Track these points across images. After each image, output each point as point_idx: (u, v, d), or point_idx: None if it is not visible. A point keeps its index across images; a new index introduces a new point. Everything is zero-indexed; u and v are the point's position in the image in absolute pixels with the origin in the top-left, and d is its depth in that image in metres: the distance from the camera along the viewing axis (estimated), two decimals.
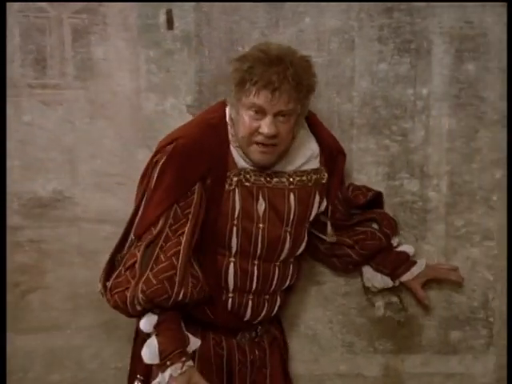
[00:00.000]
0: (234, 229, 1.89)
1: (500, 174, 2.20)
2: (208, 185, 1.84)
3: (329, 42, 2.14)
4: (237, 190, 1.87)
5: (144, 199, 1.86)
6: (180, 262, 1.78)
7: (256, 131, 1.80)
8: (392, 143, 2.19)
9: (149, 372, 1.90)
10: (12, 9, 2.04)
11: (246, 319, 1.99)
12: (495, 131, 2.18)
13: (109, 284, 1.82)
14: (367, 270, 2.18)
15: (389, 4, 2.11)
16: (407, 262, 2.16)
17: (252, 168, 1.88)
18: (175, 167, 1.82)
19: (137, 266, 1.78)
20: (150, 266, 1.78)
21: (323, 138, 2.01)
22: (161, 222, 1.80)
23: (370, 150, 2.18)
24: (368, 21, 2.13)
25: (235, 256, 1.92)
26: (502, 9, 2.11)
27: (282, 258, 1.98)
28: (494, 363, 2.30)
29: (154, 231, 1.80)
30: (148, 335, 1.81)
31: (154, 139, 2.12)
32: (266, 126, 1.78)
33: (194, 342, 1.83)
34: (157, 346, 1.77)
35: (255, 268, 1.95)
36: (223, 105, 1.92)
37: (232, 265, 1.92)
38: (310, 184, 1.97)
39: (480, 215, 2.22)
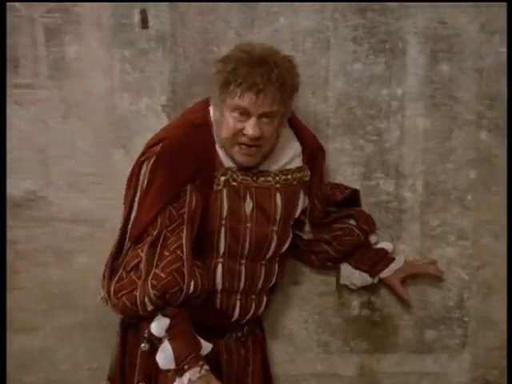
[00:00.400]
0: (222, 229, 1.89)
1: (474, 174, 2.21)
2: (197, 185, 1.83)
3: (303, 41, 2.14)
4: (224, 190, 1.87)
5: (135, 202, 1.84)
6: (185, 253, 1.76)
7: (240, 132, 1.80)
8: (367, 143, 2.19)
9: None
10: None
11: (234, 319, 2.00)
12: (470, 131, 2.19)
13: (111, 289, 1.78)
14: (346, 268, 2.19)
15: (362, 4, 2.12)
16: (386, 258, 2.17)
17: (239, 167, 1.88)
18: (165, 168, 1.81)
19: (141, 265, 1.76)
20: (155, 264, 1.76)
21: (304, 137, 2.02)
22: (157, 223, 1.79)
23: (345, 150, 2.19)
24: (342, 21, 2.13)
25: (223, 256, 1.92)
26: (475, 9, 2.12)
27: (268, 257, 1.99)
28: (468, 362, 2.31)
29: (154, 232, 1.78)
30: (159, 340, 1.77)
31: (128, 139, 2.14)
32: (250, 127, 1.78)
33: (206, 347, 1.81)
34: (171, 350, 1.74)
35: (243, 267, 1.95)
36: (206, 104, 1.92)
37: (220, 265, 1.92)
38: (294, 182, 1.97)
39: (455, 215, 2.23)
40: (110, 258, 1.85)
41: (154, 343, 1.80)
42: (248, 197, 1.90)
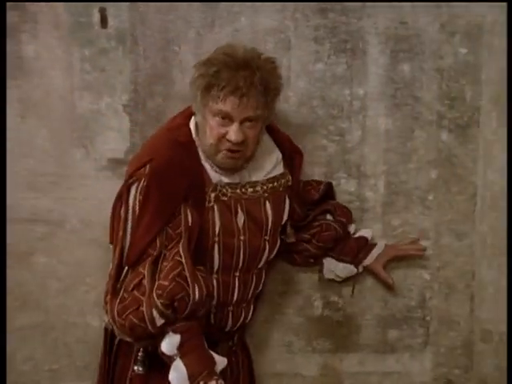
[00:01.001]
0: (216, 246, 1.87)
1: (435, 174, 2.22)
2: (190, 204, 1.80)
3: (264, 41, 2.13)
4: (215, 207, 1.85)
5: (128, 226, 1.80)
6: (183, 257, 1.72)
7: (223, 137, 1.77)
8: (329, 143, 2.20)
9: None
10: None
11: (227, 330, 1.99)
12: (431, 131, 2.20)
13: (115, 312, 1.73)
14: (329, 262, 2.19)
15: (323, 4, 2.12)
16: (366, 246, 2.18)
17: (227, 181, 1.86)
18: (158, 190, 1.77)
19: (144, 281, 1.72)
20: (157, 277, 1.73)
21: (281, 142, 2.01)
22: (156, 244, 1.76)
23: (307, 150, 2.18)
24: (303, 21, 2.13)
25: (217, 272, 1.90)
26: (435, 9, 2.13)
27: (260, 266, 1.99)
28: (430, 362, 2.31)
29: (154, 252, 1.76)
30: (170, 359, 1.73)
31: (89, 138, 2.13)
32: (233, 133, 1.75)
33: (221, 362, 1.76)
34: (184, 368, 1.69)
35: (236, 280, 1.94)
36: (186, 118, 1.89)
37: (215, 281, 1.89)
38: (280, 189, 1.97)
39: (416, 215, 2.24)
40: (110, 282, 1.79)
41: (147, 365, 1.80)
42: (239, 210, 1.88)
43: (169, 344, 1.71)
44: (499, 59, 2.15)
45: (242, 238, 1.89)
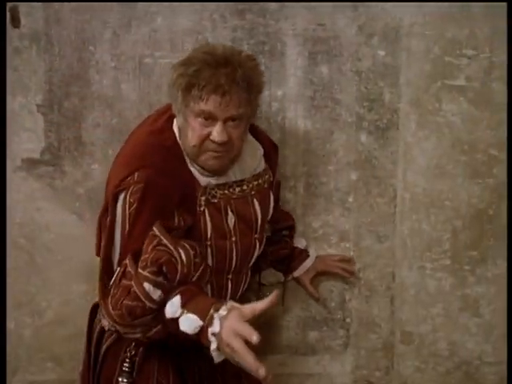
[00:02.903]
0: (209, 250, 1.83)
1: (355, 175, 2.22)
2: (181, 211, 1.75)
3: (182, 42, 2.13)
4: (206, 211, 1.80)
5: (116, 234, 1.74)
6: (158, 231, 1.66)
7: (207, 138, 1.72)
8: None
9: None
10: None
11: None
12: (350, 133, 2.20)
13: (110, 309, 1.67)
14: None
15: (241, 5, 2.11)
16: (300, 256, 2.18)
17: (215, 182, 1.81)
18: (151, 198, 1.71)
19: (129, 268, 1.65)
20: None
21: (261, 138, 1.98)
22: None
23: None
24: (221, 22, 2.12)
25: (210, 275, 1.82)
26: (352, 12, 2.12)
27: (250, 265, 1.97)
28: (351, 364, 2.31)
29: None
30: (177, 321, 1.60)
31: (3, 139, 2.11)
32: (217, 133, 1.70)
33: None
34: (193, 315, 1.57)
35: (229, 282, 1.91)
36: (169, 122, 1.83)
37: (209, 285, 1.84)
38: (265, 185, 1.94)
39: (337, 217, 2.24)
40: (99, 287, 1.73)
41: (134, 380, 1.78)
42: (229, 211, 1.84)
43: (171, 306, 1.61)
44: (418, 61, 2.16)
45: (233, 239, 1.86)
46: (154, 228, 1.68)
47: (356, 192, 2.23)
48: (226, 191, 1.84)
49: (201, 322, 1.56)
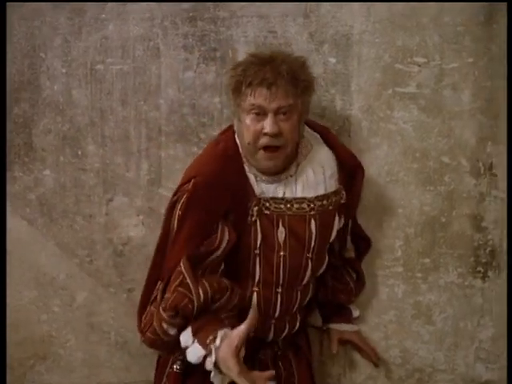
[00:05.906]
0: (257, 259, 1.86)
1: None
2: (231, 220, 1.81)
3: (133, 49, 2.14)
4: (258, 221, 1.84)
5: (168, 242, 1.83)
6: (183, 266, 1.74)
7: (260, 133, 1.78)
8: (200, 151, 2.18)
9: None
10: None
11: (268, 340, 1.99)
12: None
13: (142, 327, 1.82)
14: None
15: (192, 13, 2.12)
16: (346, 315, 2.19)
17: (271, 196, 1.85)
18: (198, 208, 1.79)
19: (158, 296, 1.78)
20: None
21: (340, 154, 1.99)
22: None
23: (178, 158, 2.19)
24: (172, 29, 2.14)
25: (258, 285, 1.89)
26: (303, 19, 2.13)
27: (304, 283, 1.97)
28: None
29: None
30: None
31: None
32: (267, 125, 1.76)
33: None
34: (199, 345, 1.71)
35: (278, 296, 1.93)
36: (230, 133, 1.91)
37: (255, 294, 1.89)
38: (330, 207, 1.93)
39: None
40: (142, 300, 1.87)
41: (188, 366, 1.83)
42: (281, 225, 1.87)
43: (185, 335, 1.74)
44: (369, 69, 2.16)
45: (281, 253, 1.88)
46: (181, 264, 1.74)
47: None
48: (282, 206, 1.86)
49: (203, 352, 1.69)
